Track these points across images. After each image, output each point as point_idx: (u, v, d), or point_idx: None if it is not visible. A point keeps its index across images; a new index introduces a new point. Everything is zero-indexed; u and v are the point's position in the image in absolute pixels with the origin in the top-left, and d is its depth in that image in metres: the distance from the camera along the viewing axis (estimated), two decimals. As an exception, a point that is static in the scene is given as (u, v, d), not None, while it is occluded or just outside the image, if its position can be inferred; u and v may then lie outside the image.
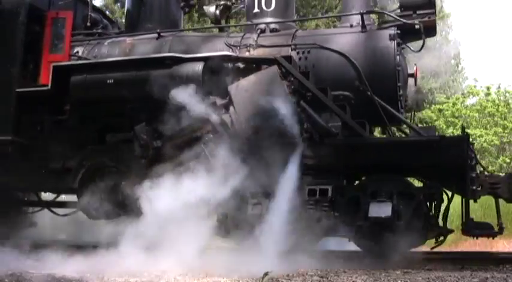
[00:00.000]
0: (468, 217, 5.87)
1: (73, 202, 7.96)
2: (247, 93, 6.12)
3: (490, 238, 6.49)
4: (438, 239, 6.02)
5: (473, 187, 5.80)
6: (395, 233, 5.72)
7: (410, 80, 7.17)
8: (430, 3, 6.75)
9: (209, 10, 7.59)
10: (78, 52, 7.56)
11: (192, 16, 18.86)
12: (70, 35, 7.46)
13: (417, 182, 6.73)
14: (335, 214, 5.89)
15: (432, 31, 6.88)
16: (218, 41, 7.17)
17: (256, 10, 7.43)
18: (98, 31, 8.02)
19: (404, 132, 7.34)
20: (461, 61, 29.26)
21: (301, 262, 5.33)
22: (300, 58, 6.77)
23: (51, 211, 8.22)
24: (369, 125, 6.60)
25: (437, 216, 5.94)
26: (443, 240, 6.01)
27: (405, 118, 7.00)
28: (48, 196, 8.70)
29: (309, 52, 6.79)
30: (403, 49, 7.04)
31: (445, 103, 21.75)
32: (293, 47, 6.83)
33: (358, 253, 6.29)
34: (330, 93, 6.30)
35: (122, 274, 4.92)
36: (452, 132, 19.00)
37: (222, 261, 5.46)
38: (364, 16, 6.75)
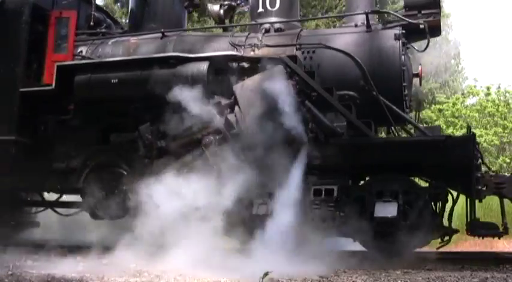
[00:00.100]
0: (474, 217, 5.85)
1: (76, 202, 7.93)
2: (252, 93, 6.07)
3: (489, 238, 6.51)
4: (443, 239, 6.01)
5: (478, 187, 5.78)
6: (400, 233, 5.73)
7: (415, 80, 7.17)
8: (435, 2, 6.75)
9: (213, 9, 7.57)
10: (81, 52, 7.55)
11: (192, 16, 18.79)
12: (74, 35, 7.43)
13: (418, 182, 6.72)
14: (340, 214, 5.87)
15: (437, 31, 6.88)
16: (223, 41, 7.16)
17: (260, 10, 7.45)
18: (102, 31, 8.01)
19: (408, 132, 7.32)
20: (461, 61, 29.33)
21: (303, 262, 5.26)
22: (305, 58, 6.77)
23: (54, 211, 8.18)
24: (374, 125, 6.58)
25: (442, 216, 5.94)
26: (448, 240, 6.01)
27: (410, 118, 6.99)
28: (49, 196, 8.64)
29: (314, 52, 6.79)
30: (408, 49, 7.03)
31: (445, 103, 21.75)
32: (298, 47, 6.83)
33: (357, 253, 6.26)
34: (336, 93, 6.29)
35: (122, 274, 4.89)
36: (452, 132, 18.98)
37: (225, 261, 5.42)
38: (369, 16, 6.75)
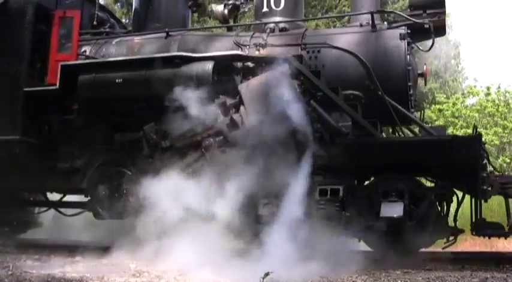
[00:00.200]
0: (480, 217, 5.84)
1: (80, 202, 7.92)
2: (257, 92, 6.05)
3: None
4: (449, 239, 6.00)
5: (484, 187, 5.76)
6: (406, 233, 5.72)
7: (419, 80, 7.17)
8: (440, 2, 6.75)
9: (217, 9, 7.55)
10: (85, 51, 7.52)
11: (192, 16, 18.75)
12: (78, 34, 7.41)
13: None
14: (346, 214, 5.86)
15: (442, 31, 6.88)
16: (227, 40, 7.14)
17: (265, 9, 7.43)
18: (106, 30, 7.99)
19: (413, 132, 7.32)
20: (461, 61, 29.35)
21: (305, 262, 5.25)
22: (310, 57, 6.75)
23: (58, 211, 8.17)
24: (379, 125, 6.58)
25: (447, 216, 5.94)
26: (454, 240, 6.00)
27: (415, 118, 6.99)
28: (52, 196, 8.63)
29: (319, 51, 6.77)
30: (413, 49, 7.02)
31: (445, 103, 21.73)
32: (303, 47, 6.82)
33: (357, 253, 6.24)
34: (341, 92, 6.28)
35: (122, 274, 4.89)
36: (452, 132, 18.95)
37: (227, 261, 5.40)
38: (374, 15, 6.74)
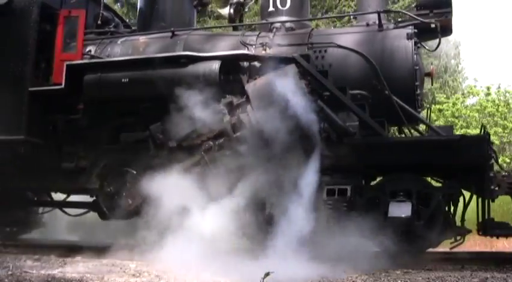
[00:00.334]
0: (489, 217, 5.84)
1: (85, 202, 7.89)
2: (264, 92, 6.04)
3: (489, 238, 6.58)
4: (456, 239, 5.99)
5: (491, 187, 5.76)
6: (414, 233, 5.71)
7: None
8: (447, 2, 6.74)
9: (223, 11, 7.54)
10: (90, 51, 7.48)
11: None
12: (83, 34, 7.37)
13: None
14: (354, 214, 5.86)
15: (448, 30, 6.86)
16: (233, 40, 7.11)
17: (271, 9, 7.40)
18: (111, 30, 7.96)
19: (419, 131, 7.31)
20: (461, 61, 29.39)
21: (308, 262, 5.24)
22: (317, 57, 6.71)
23: (63, 211, 8.14)
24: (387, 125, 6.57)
25: (455, 215, 5.93)
26: (462, 240, 5.99)
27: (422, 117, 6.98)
28: (56, 196, 8.60)
29: (326, 51, 6.75)
30: (419, 48, 7.01)
31: (445, 103, 21.76)
32: (310, 46, 6.79)
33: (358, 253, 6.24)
34: (349, 92, 6.26)
35: (122, 274, 4.88)
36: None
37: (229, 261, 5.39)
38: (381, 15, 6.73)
